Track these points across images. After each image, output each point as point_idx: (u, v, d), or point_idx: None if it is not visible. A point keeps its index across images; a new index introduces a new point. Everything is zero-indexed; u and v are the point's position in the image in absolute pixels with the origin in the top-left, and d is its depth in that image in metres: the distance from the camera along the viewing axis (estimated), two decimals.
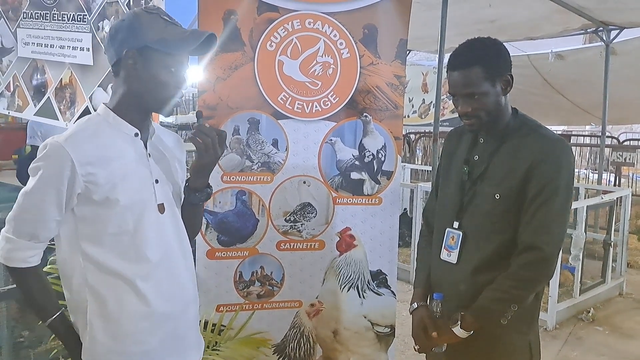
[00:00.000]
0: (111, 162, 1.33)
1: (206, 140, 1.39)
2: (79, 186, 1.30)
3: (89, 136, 1.33)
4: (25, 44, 3.36)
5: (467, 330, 1.62)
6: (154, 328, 1.41)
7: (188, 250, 1.53)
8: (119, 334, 1.37)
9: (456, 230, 1.70)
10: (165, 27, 1.33)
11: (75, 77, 3.05)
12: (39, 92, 3.30)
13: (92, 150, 1.32)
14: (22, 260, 1.34)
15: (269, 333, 2.51)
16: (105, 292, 1.36)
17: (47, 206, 1.30)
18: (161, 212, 1.43)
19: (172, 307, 1.45)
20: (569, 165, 1.59)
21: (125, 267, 1.36)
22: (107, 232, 1.35)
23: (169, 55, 1.34)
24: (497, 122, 1.64)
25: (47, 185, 1.29)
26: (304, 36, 2.40)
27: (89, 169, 1.30)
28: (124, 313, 1.37)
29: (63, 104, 3.15)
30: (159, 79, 1.35)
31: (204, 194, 1.51)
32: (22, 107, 3.45)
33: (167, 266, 1.44)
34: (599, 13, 5.04)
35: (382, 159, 2.56)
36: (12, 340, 2.59)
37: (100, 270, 1.36)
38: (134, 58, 1.33)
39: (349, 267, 2.55)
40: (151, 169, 1.42)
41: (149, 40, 1.32)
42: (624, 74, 6.33)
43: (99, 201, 1.32)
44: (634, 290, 4.89)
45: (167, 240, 1.45)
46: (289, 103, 2.41)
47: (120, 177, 1.34)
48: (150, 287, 1.39)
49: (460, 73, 1.59)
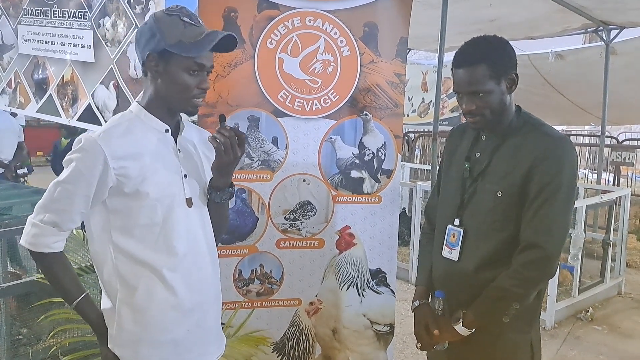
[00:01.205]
0: (142, 157, 1.39)
1: (225, 142, 1.42)
2: (111, 180, 1.35)
3: (122, 132, 1.39)
4: (26, 40, 3.36)
5: (468, 328, 1.62)
6: (181, 318, 1.46)
7: (213, 246, 1.57)
8: (146, 322, 1.42)
9: (457, 228, 1.69)
10: (183, 30, 1.37)
11: (77, 74, 3.05)
12: (41, 88, 3.30)
13: (124, 145, 1.37)
14: (46, 246, 1.38)
15: (268, 331, 2.51)
16: (134, 282, 1.41)
17: (76, 198, 1.36)
18: (189, 206, 1.47)
19: (199, 299, 1.49)
20: (571, 164, 1.58)
21: (154, 257, 1.41)
22: (137, 223, 1.40)
23: (188, 58, 1.37)
24: (501, 120, 1.64)
25: (78, 178, 1.35)
26: (304, 34, 2.40)
27: (122, 163, 1.35)
28: (153, 302, 1.42)
29: (65, 100, 3.14)
30: (180, 81, 1.39)
31: (225, 193, 1.54)
32: (24, 104, 3.45)
33: (194, 259, 1.48)
34: (599, 13, 5.04)
35: (382, 157, 2.55)
36: (11, 337, 2.59)
37: (129, 261, 1.41)
38: (155, 61, 1.39)
39: (348, 265, 2.55)
40: (181, 164, 1.47)
41: (167, 43, 1.36)
42: (624, 74, 6.34)
43: (130, 194, 1.37)
44: (633, 290, 4.90)
45: (195, 234, 1.49)
46: (289, 101, 2.41)
47: (151, 171, 1.39)
48: (177, 278, 1.44)
49: (465, 71, 1.58)
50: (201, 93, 1.43)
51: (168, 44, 1.35)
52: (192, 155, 1.53)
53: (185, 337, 1.47)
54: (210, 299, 1.54)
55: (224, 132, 1.43)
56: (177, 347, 1.47)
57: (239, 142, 1.45)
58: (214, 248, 1.58)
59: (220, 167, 1.49)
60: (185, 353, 1.48)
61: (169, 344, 1.45)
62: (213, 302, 1.56)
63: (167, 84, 1.40)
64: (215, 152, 1.46)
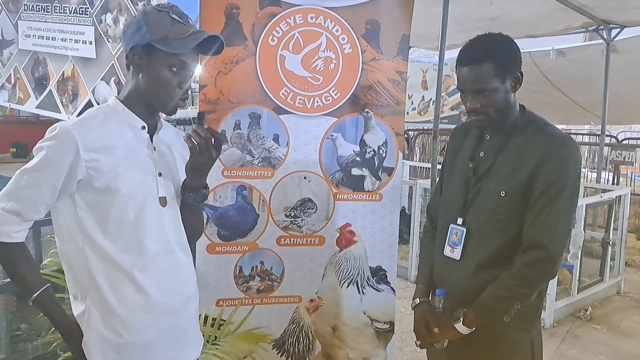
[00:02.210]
0: (116, 151, 1.35)
1: (200, 142, 1.39)
2: (81, 172, 1.31)
3: (97, 124, 1.36)
4: (26, 36, 3.35)
5: (469, 327, 1.62)
6: (153, 320, 1.42)
7: (186, 247, 1.53)
8: (115, 325, 1.38)
9: (460, 227, 1.69)
10: (170, 26, 1.35)
11: (78, 70, 3.05)
12: (40, 85, 3.30)
13: (98, 138, 1.34)
14: (6, 235, 1.33)
15: (269, 328, 2.51)
16: (104, 281, 1.37)
17: (43, 187, 1.31)
18: (163, 206, 1.44)
19: (172, 301, 1.46)
20: (576, 164, 1.58)
21: (124, 258, 1.37)
22: (108, 220, 1.36)
23: (172, 55, 1.35)
24: (505, 119, 1.63)
25: (47, 167, 1.30)
26: (306, 31, 2.40)
27: (93, 155, 1.32)
28: (122, 304, 1.38)
29: (65, 97, 3.14)
30: (160, 78, 1.37)
31: (199, 195, 1.50)
32: (23, 99, 3.45)
33: (167, 260, 1.45)
34: (600, 11, 5.04)
35: (383, 155, 2.55)
36: (10, 333, 2.59)
37: (99, 259, 1.36)
38: (139, 55, 1.37)
39: (348, 263, 2.55)
40: (155, 162, 1.44)
41: (152, 38, 1.34)
42: (625, 73, 6.34)
43: (100, 189, 1.33)
44: (632, 289, 4.90)
45: (168, 234, 1.45)
46: (290, 98, 2.41)
47: (124, 166, 1.36)
48: (149, 280, 1.40)
49: (470, 69, 1.57)
50: (182, 93, 1.41)
51: (153, 39, 1.34)
52: (167, 155, 1.50)
53: (156, 340, 1.43)
54: (185, 301, 1.50)
55: (200, 132, 1.39)
56: (147, 351, 1.42)
57: (215, 143, 1.41)
58: (187, 249, 1.54)
59: (194, 168, 1.45)
60: (156, 357, 1.44)
61: (139, 347, 1.41)
62: (187, 303, 1.51)
63: (148, 79, 1.38)
64: (190, 152, 1.42)
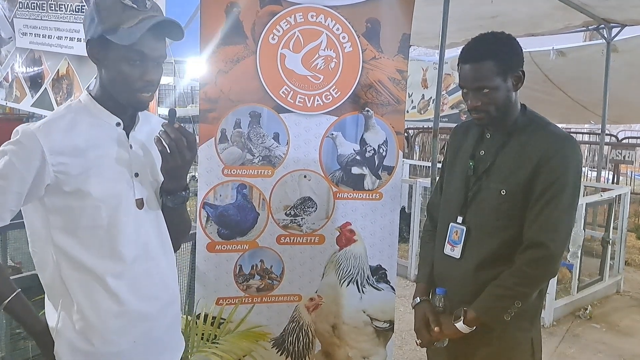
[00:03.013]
0: (86, 153, 1.27)
1: (170, 144, 1.29)
2: (49, 177, 1.23)
3: (64, 125, 1.27)
4: (22, 34, 3.34)
5: (469, 326, 1.62)
6: (127, 328, 1.34)
7: (170, 249, 1.46)
8: (87, 332, 1.30)
9: (460, 225, 1.69)
10: (122, 13, 1.22)
11: (72, 68, 3.04)
12: (36, 83, 3.29)
13: (65, 140, 1.25)
14: None
15: (268, 327, 2.50)
16: (75, 287, 1.30)
17: (7, 195, 1.22)
18: (139, 208, 1.35)
19: (149, 307, 1.38)
20: (577, 163, 1.58)
21: (97, 263, 1.29)
22: (79, 225, 1.28)
23: (126, 46, 1.22)
24: (506, 117, 1.63)
25: (12, 173, 1.21)
26: (306, 30, 2.39)
27: (60, 159, 1.23)
28: (94, 311, 1.30)
29: (60, 95, 3.13)
30: (119, 72, 1.26)
31: (178, 197, 1.40)
32: (20, 97, 3.44)
33: (145, 265, 1.36)
34: (601, 10, 5.02)
35: (384, 154, 2.55)
36: (10, 331, 2.58)
37: (71, 264, 1.29)
38: (96, 48, 1.27)
39: (348, 261, 2.55)
40: (132, 161, 1.35)
41: (103, 29, 1.23)
42: (625, 72, 6.33)
43: (70, 192, 1.25)
44: (632, 288, 4.91)
45: (146, 238, 1.37)
46: (291, 97, 2.40)
47: (95, 168, 1.27)
48: (123, 285, 1.32)
49: (471, 67, 1.58)
50: (147, 86, 1.28)
51: (104, 29, 1.22)
52: (147, 152, 1.39)
53: (130, 348, 1.35)
54: (164, 306, 1.42)
55: (170, 133, 1.28)
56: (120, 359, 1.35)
57: (187, 144, 1.30)
58: (171, 252, 1.46)
59: (167, 171, 1.35)
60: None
61: (111, 356, 1.33)
62: (166, 309, 1.43)
63: (108, 74, 1.27)
64: (161, 155, 1.31)
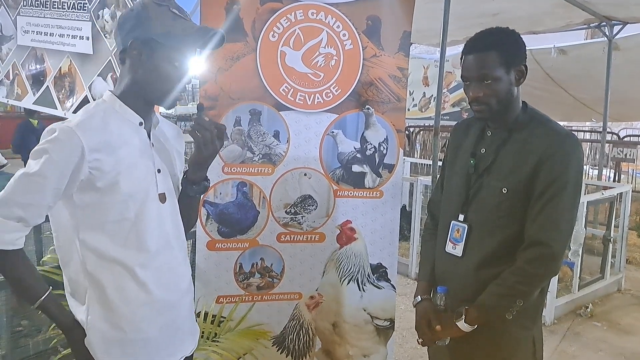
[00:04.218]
0: (117, 150, 1.34)
1: (205, 134, 1.40)
2: (84, 173, 1.29)
3: (97, 123, 1.34)
4: (25, 32, 3.34)
5: (471, 325, 1.61)
6: (154, 316, 1.42)
7: (183, 241, 1.55)
8: (118, 321, 1.38)
9: (461, 223, 1.69)
10: (173, 21, 1.34)
11: (75, 66, 3.03)
12: (38, 80, 3.28)
13: (101, 137, 1.32)
14: (8, 243, 1.28)
15: (269, 325, 2.50)
16: (104, 279, 1.36)
17: (47, 191, 1.27)
18: (162, 202, 1.44)
19: (171, 296, 1.46)
20: (578, 161, 1.57)
21: (125, 254, 1.36)
22: (108, 219, 1.34)
23: (174, 49, 1.34)
24: (507, 113, 1.63)
25: (52, 170, 1.26)
26: (306, 27, 2.38)
27: (96, 155, 1.29)
28: (124, 300, 1.37)
29: (62, 93, 3.13)
30: (161, 72, 1.35)
31: (201, 186, 1.52)
32: (22, 95, 3.43)
33: (166, 256, 1.44)
34: (602, 8, 5.01)
35: (384, 151, 2.54)
36: (11, 329, 2.59)
37: (99, 258, 1.35)
38: (139, 49, 1.34)
39: (349, 260, 2.55)
40: (154, 158, 1.43)
41: (154, 32, 1.32)
42: (627, 70, 6.32)
43: (103, 188, 1.32)
44: (633, 287, 4.90)
45: (167, 230, 1.45)
46: (291, 94, 2.39)
47: (125, 165, 1.34)
48: (149, 275, 1.40)
49: (475, 57, 1.58)
50: (180, 86, 1.40)
51: (155, 33, 1.32)
52: (165, 150, 1.50)
53: (157, 335, 1.43)
54: (182, 295, 1.51)
55: (204, 125, 1.40)
56: (148, 346, 1.42)
57: (217, 134, 1.42)
58: (184, 244, 1.55)
59: (198, 161, 1.46)
60: (157, 351, 1.44)
61: (141, 342, 1.41)
62: (183, 298, 1.52)
63: (148, 73, 1.36)
64: (195, 145, 1.42)
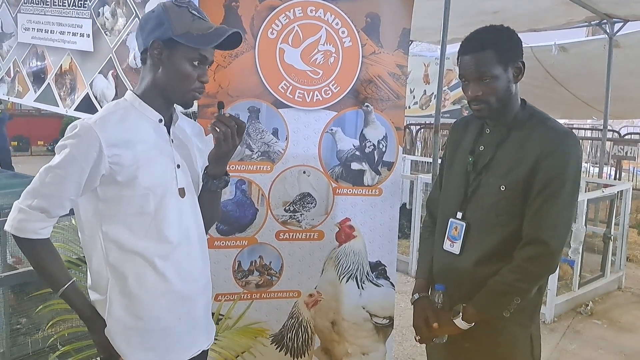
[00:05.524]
0: (136, 145, 1.40)
1: (225, 131, 1.44)
2: (104, 167, 1.35)
3: (117, 119, 1.40)
4: (25, 29, 3.34)
5: (468, 322, 1.61)
6: (173, 306, 1.47)
7: (203, 236, 1.59)
8: (138, 310, 1.43)
9: (459, 221, 1.68)
10: (192, 22, 1.39)
11: (75, 63, 3.03)
12: (39, 78, 3.29)
13: (119, 133, 1.38)
14: (33, 232, 1.37)
15: (267, 323, 2.50)
16: (125, 270, 1.42)
17: (67, 184, 1.35)
18: (182, 196, 1.49)
19: (190, 288, 1.51)
20: (576, 159, 1.56)
21: (145, 246, 1.42)
22: (128, 212, 1.40)
23: (193, 49, 1.39)
24: (506, 111, 1.62)
25: (71, 164, 1.34)
26: (305, 24, 2.38)
27: (116, 150, 1.36)
28: (144, 290, 1.43)
29: (63, 90, 3.13)
30: (181, 71, 1.41)
31: (222, 181, 1.57)
32: (22, 93, 3.44)
33: (186, 249, 1.49)
34: (603, 5, 5.01)
35: (383, 149, 2.54)
36: (9, 327, 2.59)
37: (120, 249, 1.41)
38: (160, 49, 1.40)
39: (348, 258, 2.54)
40: (174, 154, 1.48)
41: (174, 33, 1.37)
42: (627, 67, 6.31)
43: (123, 182, 1.38)
44: (633, 285, 4.90)
45: (186, 224, 1.50)
46: (290, 92, 2.39)
47: (145, 159, 1.40)
48: (169, 267, 1.45)
49: (472, 56, 1.57)
50: (200, 87, 1.45)
51: (175, 34, 1.37)
52: (185, 146, 1.55)
53: (176, 325, 1.48)
54: (200, 288, 1.55)
55: (225, 121, 1.45)
56: (167, 336, 1.47)
57: (238, 130, 1.47)
58: (204, 238, 1.59)
59: (218, 156, 1.51)
60: (175, 342, 1.49)
61: (160, 331, 1.46)
62: (203, 291, 1.57)
63: (168, 73, 1.41)
64: (215, 141, 1.47)
